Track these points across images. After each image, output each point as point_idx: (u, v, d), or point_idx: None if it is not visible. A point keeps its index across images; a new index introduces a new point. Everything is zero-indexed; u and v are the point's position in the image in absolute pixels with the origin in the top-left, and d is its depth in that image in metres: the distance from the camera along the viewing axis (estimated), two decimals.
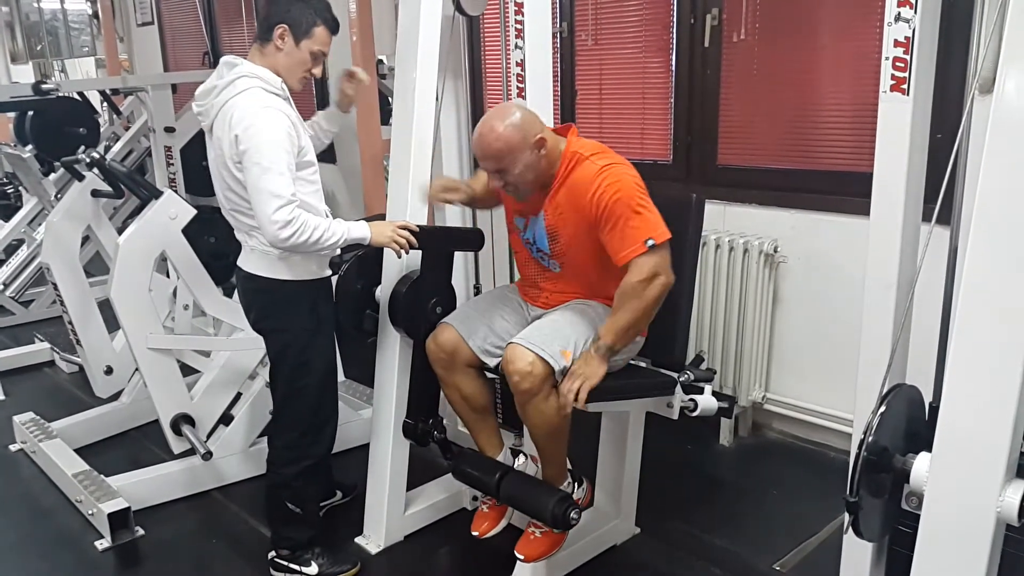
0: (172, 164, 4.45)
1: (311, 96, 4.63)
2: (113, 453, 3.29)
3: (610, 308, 2.23)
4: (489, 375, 2.35)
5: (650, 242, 2.04)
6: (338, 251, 2.34)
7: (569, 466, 2.35)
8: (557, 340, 2.09)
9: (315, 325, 2.34)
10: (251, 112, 2.08)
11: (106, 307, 2.93)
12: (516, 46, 2.53)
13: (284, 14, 2.19)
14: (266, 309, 2.32)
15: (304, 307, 2.31)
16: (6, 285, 4.98)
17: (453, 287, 2.53)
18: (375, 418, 2.65)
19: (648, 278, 2.05)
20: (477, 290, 3.06)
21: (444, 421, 2.57)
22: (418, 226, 2.37)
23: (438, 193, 2.46)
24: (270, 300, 2.30)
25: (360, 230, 2.23)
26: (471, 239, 2.62)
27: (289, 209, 2.06)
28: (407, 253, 2.34)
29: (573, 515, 2.17)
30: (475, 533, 2.40)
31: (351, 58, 3.83)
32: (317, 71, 2.28)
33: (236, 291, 2.46)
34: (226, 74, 2.17)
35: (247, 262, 2.30)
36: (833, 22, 2.94)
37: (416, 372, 2.49)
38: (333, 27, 2.26)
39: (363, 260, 2.55)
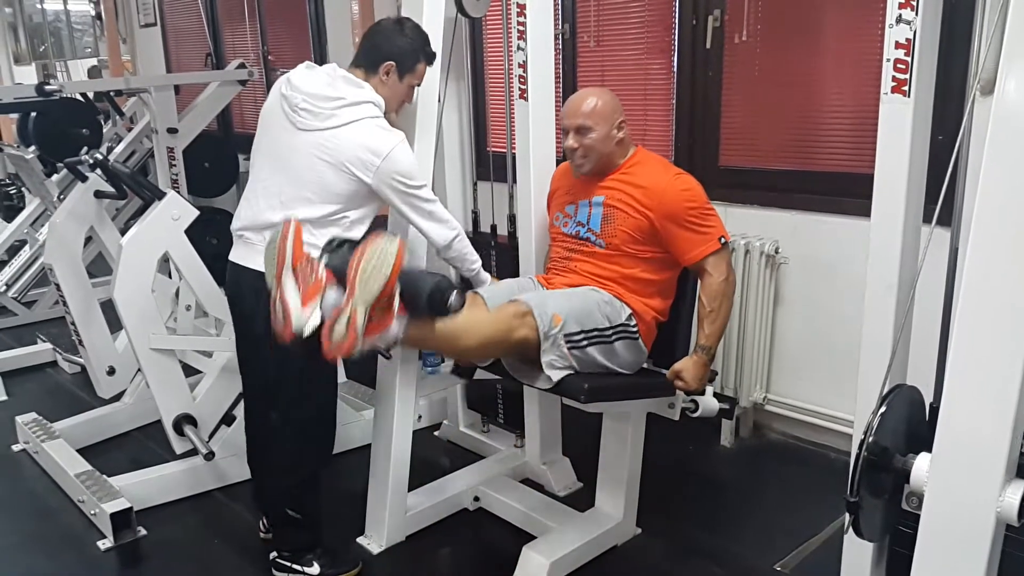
0: (175, 165, 4.46)
1: None
2: (115, 453, 3.30)
3: (614, 296, 2.26)
4: (493, 376, 2.36)
5: (722, 239, 2.27)
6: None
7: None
8: (552, 305, 2.14)
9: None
10: (392, 144, 2.19)
11: (109, 308, 2.94)
12: (518, 47, 2.53)
13: (391, 50, 2.28)
14: None
15: None
16: (9, 286, 4.99)
17: None
18: (376, 419, 2.66)
19: (727, 276, 2.28)
20: None
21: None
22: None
23: None
24: None
25: (485, 276, 2.48)
26: None
27: (460, 233, 2.36)
28: None
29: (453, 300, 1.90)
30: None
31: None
32: (411, 101, 2.41)
33: (230, 292, 2.44)
34: (351, 92, 2.22)
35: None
36: (835, 24, 2.95)
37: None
38: (432, 61, 2.38)
39: None
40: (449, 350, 2.30)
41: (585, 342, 2.18)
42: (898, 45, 1.72)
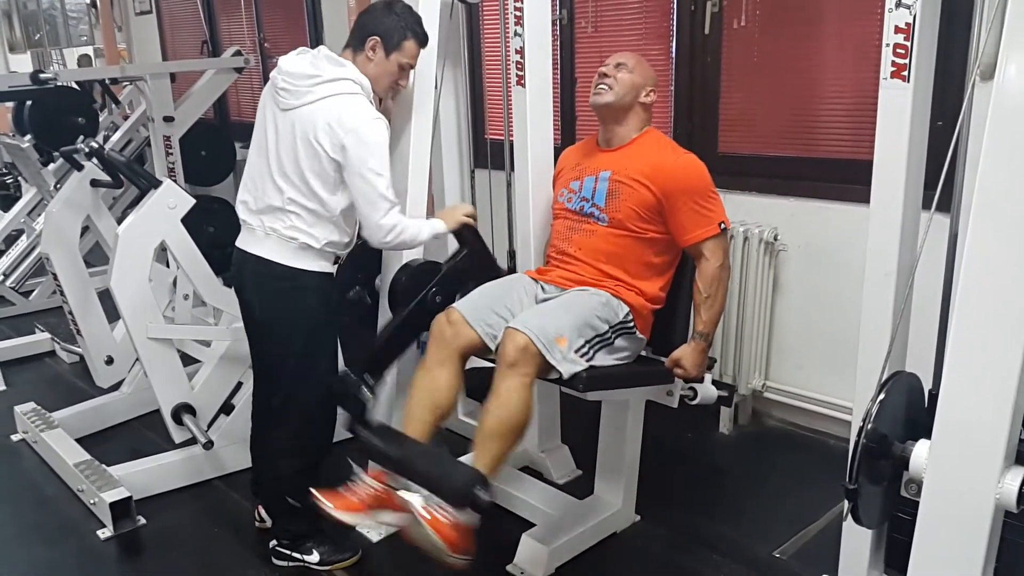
0: (171, 154, 4.44)
1: None
2: (114, 443, 3.29)
3: (611, 295, 2.25)
4: (488, 363, 2.35)
5: (722, 225, 2.27)
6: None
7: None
8: (552, 327, 2.10)
9: (324, 317, 2.35)
10: (365, 120, 2.17)
11: (106, 297, 2.93)
12: (515, 33, 2.52)
13: (377, 26, 2.26)
14: (279, 296, 2.32)
15: (316, 297, 2.32)
16: (6, 275, 4.99)
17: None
18: (375, 407, 2.65)
19: (724, 263, 2.28)
20: None
21: (374, 389, 2.39)
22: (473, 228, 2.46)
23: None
24: (285, 288, 2.30)
25: (439, 225, 2.38)
26: (493, 272, 2.53)
27: (395, 213, 2.22)
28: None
29: (481, 494, 1.91)
30: (328, 505, 2.02)
31: None
32: (404, 82, 2.38)
33: (234, 277, 2.44)
34: (329, 69, 2.20)
35: (262, 247, 2.28)
36: (834, 9, 2.93)
37: (386, 332, 2.45)
38: (422, 40, 2.34)
39: (363, 247, 2.54)
40: (519, 438, 2.13)
41: (591, 351, 2.18)
42: (897, 30, 1.71)
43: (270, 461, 2.51)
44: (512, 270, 2.78)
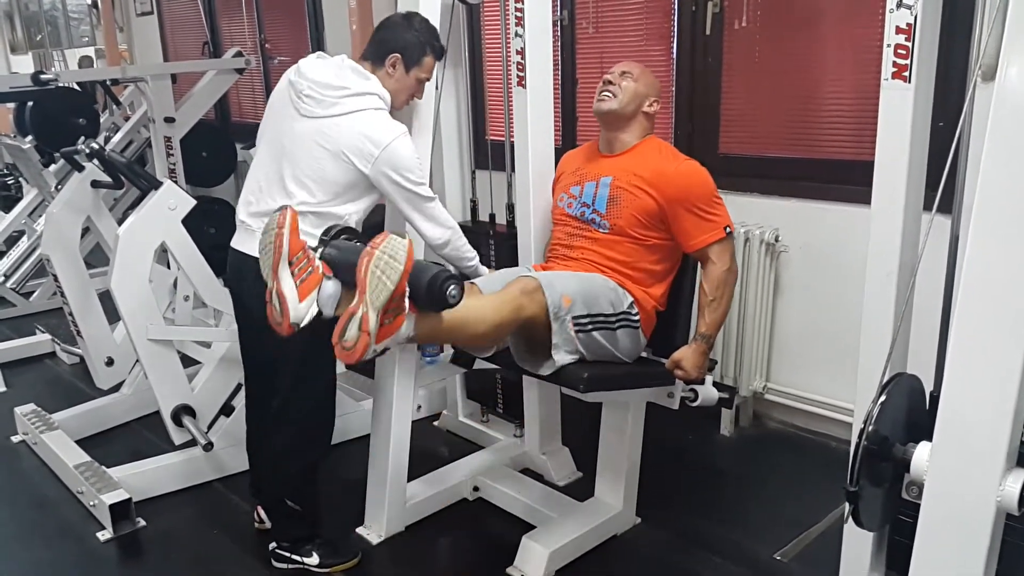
0: (172, 155, 4.44)
1: None
2: (114, 444, 3.29)
3: (618, 284, 2.25)
4: (495, 367, 2.35)
5: (728, 229, 2.26)
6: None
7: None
8: (561, 286, 2.13)
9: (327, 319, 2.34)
10: (394, 138, 2.20)
11: (106, 298, 2.93)
12: (516, 34, 2.51)
13: (397, 42, 2.31)
14: None
15: None
16: (7, 276, 5.00)
17: None
18: (375, 409, 2.65)
19: (731, 267, 2.27)
20: None
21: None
22: None
23: None
24: None
25: (483, 270, 2.48)
26: None
27: (455, 232, 2.37)
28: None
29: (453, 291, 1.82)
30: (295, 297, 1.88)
31: (351, 48, 3.82)
32: (420, 96, 2.42)
33: (231, 278, 2.43)
34: (357, 82, 2.23)
35: None
36: (835, 9, 2.93)
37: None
38: (440, 55, 2.41)
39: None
40: (460, 340, 2.20)
41: (591, 326, 2.17)
42: (899, 30, 1.71)
43: (269, 463, 2.51)
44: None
